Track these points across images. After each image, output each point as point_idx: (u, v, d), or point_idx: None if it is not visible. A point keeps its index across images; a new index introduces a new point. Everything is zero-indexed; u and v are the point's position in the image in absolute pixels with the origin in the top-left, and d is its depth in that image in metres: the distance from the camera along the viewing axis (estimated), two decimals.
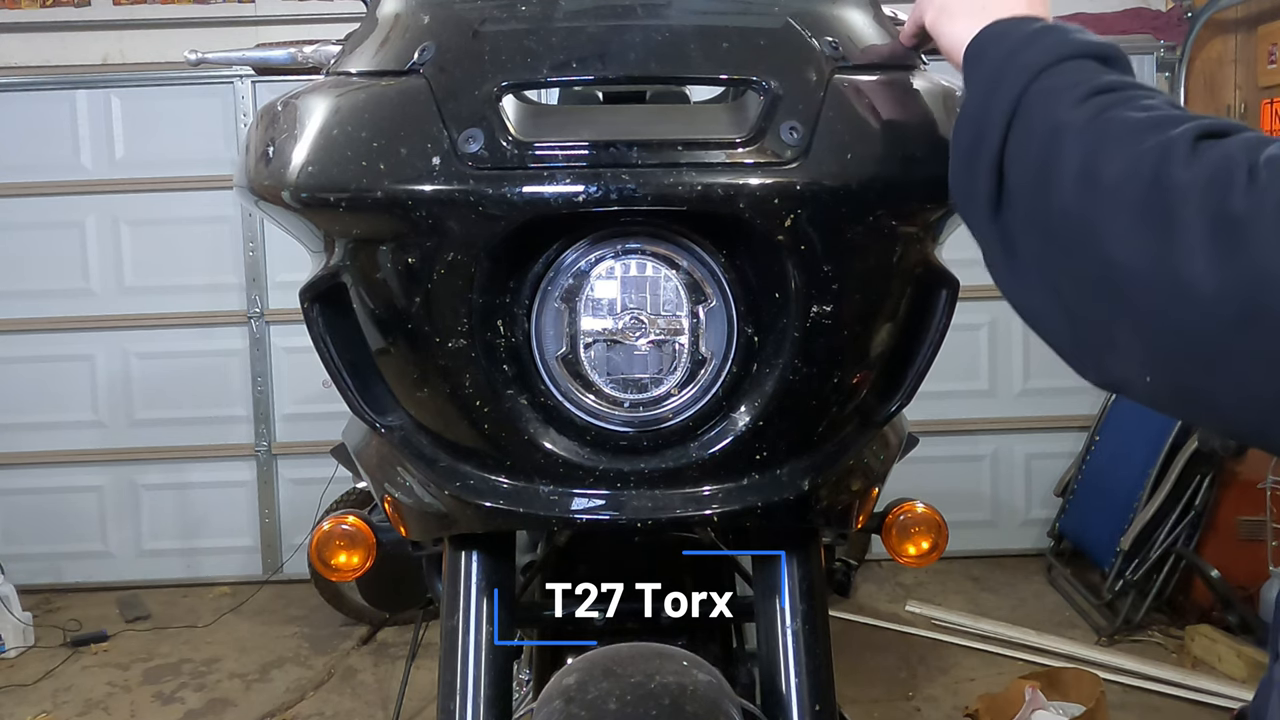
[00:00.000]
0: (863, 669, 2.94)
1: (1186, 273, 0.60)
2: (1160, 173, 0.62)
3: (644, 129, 0.84)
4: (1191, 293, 0.60)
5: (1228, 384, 0.61)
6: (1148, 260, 0.63)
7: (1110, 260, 0.65)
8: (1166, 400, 0.67)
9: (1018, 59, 0.74)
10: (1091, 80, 0.70)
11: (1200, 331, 0.61)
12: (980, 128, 0.74)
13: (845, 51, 0.87)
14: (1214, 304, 0.59)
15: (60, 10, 3.60)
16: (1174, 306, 0.62)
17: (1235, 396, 0.62)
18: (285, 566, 3.66)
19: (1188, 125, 0.64)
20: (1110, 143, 0.66)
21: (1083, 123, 0.68)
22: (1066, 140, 0.69)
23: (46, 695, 2.95)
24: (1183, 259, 0.60)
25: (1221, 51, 3.59)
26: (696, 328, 0.87)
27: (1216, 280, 0.59)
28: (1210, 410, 0.65)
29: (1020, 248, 0.72)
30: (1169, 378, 0.65)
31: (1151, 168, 0.63)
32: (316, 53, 1.09)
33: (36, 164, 3.57)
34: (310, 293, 0.91)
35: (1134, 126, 0.66)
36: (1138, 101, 0.68)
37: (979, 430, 3.74)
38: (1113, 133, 0.67)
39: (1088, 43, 0.74)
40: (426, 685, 2.63)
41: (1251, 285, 0.58)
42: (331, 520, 1.10)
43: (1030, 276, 0.72)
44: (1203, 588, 3.09)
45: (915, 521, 1.15)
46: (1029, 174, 0.71)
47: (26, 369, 3.63)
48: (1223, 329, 0.60)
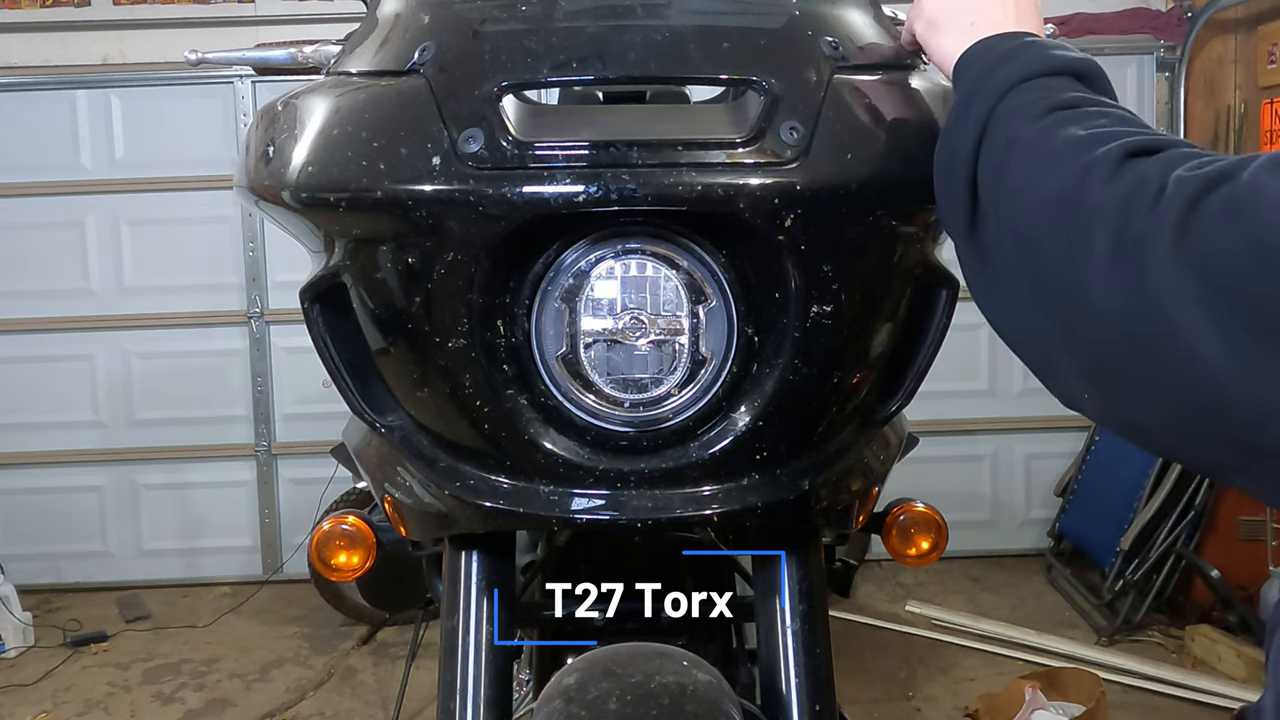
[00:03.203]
0: (863, 669, 2.94)
1: (1094, 294, 0.61)
2: (1079, 193, 0.63)
3: (644, 129, 0.84)
4: (1099, 314, 0.61)
5: (1141, 405, 0.61)
6: (1066, 280, 0.63)
7: (1040, 279, 0.66)
8: (1106, 419, 0.67)
9: (992, 76, 0.74)
10: (1053, 97, 0.70)
11: (1109, 353, 0.61)
12: (954, 144, 0.75)
13: (845, 51, 0.87)
14: (1116, 325, 0.59)
15: (60, 10, 3.60)
16: (1087, 327, 0.62)
17: (1152, 418, 0.61)
18: (285, 566, 3.66)
19: (1120, 143, 0.63)
20: (1046, 161, 0.67)
21: (1030, 140, 0.69)
22: (1015, 157, 0.69)
23: (46, 695, 2.95)
24: (1092, 280, 0.61)
25: (1221, 51, 3.59)
26: (696, 328, 0.87)
27: (1118, 302, 0.59)
28: (1138, 432, 0.64)
29: (991, 263, 0.73)
30: (1101, 397, 0.65)
31: (1074, 188, 0.63)
32: (316, 53, 1.09)
33: (36, 164, 3.57)
34: (310, 293, 0.91)
35: (1071, 145, 0.66)
36: (1088, 119, 0.68)
37: (979, 430, 3.74)
38: (1051, 151, 0.67)
39: (1063, 58, 0.74)
40: (426, 685, 2.63)
41: (1146, 307, 0.57)
42: (331, 520, 1.10)
43: (1000, 292, 0.73)
44: (1203, 588, 3.09)
45: (915, 521, 1.15)
46: (989, 191, 0.71)
47: (26, 369, 3.63)
48: (1127, 351, 0.60)
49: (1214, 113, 3.61)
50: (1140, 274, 0.57)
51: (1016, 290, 0.70)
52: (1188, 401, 0.57)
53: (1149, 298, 0.57)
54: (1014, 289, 0.70)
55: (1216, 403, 0.55)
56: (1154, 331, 0.57)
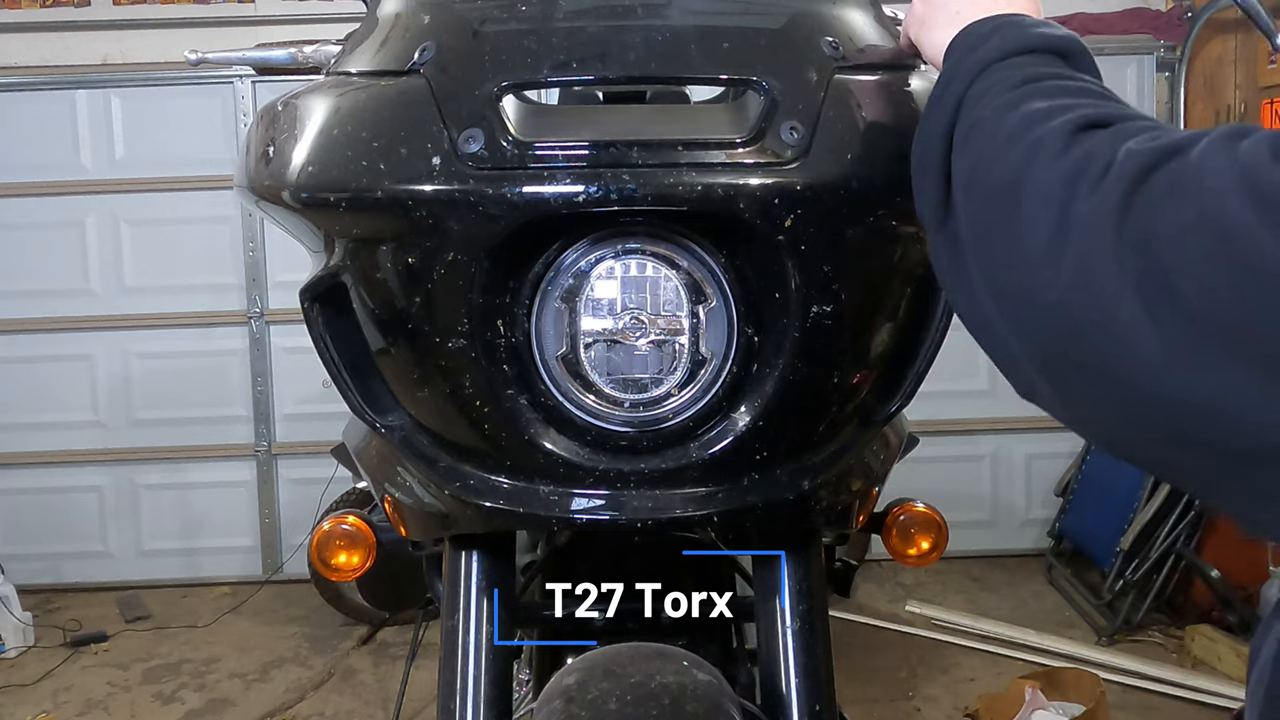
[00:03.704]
0: (863, 669, 2.94)
1: (1037, 278, 0.56)
2: (1027, 171, 0.59)
3: (644, 129, 0.84)
4: (1042, 299, 0.56)
5: (1092, 401, 0.56)
6: (1010, 263, 0.59)
7: (988, 263, 0.62)
8: (1064, 416, 0.62)
9: (967, 60, 0.71)
10: (1020, 74, 0.66)
11: (1055, 343, 0.57)
12: (926, 133, 0.72)
13: (845, 51, 0.87)
14: (1059, 310, 0.55)
15: (60, 10, 3.60)
16: (1033, 314, 0.58)
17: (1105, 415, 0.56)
18: (285, 566, 3.66)
19: (1072, 115, 0.59)
20: (1001, 140, 0.63)
21: (987, 119, 0.65)
22: (973, 140, 0.66)
23: (46, 695, 2.95)
24: (1034, 263, 0.57)
25: (1221, 51, 3.59)
26: (696, 328, 0.87)
27: (1060, 285, 0.55)
28: (1097, 431, 0.60)
29: (956, 255, 0.68)
30: (1055, 392, 0.60)
31: (1022, 166, 0.59)
32: (316, 53, 1.09)
33: (36, 164, 3.57)
34: (310, 293, 0.91)
35: (1025, 121, 0.62)
36: (1051, 94, 0.63)
37: (979, 430, 3.74)
38: (1005, 129, 0.63)
39: (1043, 35, 0.70)
40: (426, 685, 2.63)
41: (1089, 292, 0.53)
42: (331, 520, 1.10)
43: (962, 284, 0.68)
44: (1203, 588, 3.09)
45: (915, 521, 1.15)
46: (957, 179, 0.68)
47: (26, 369, 3.63)
48: (1071, 340, 0.55)
49: (1214, 113, 3.61)
50: (1083, 256, 0.53)
51: (972, 279, 0.65)
52: (1130, 396, 0.53)
53: (1092, 282, 0.53)
54: (970, 277, 0.66)
55: (1154, 396, 0.51)
56: (1095, 319, 0.53)
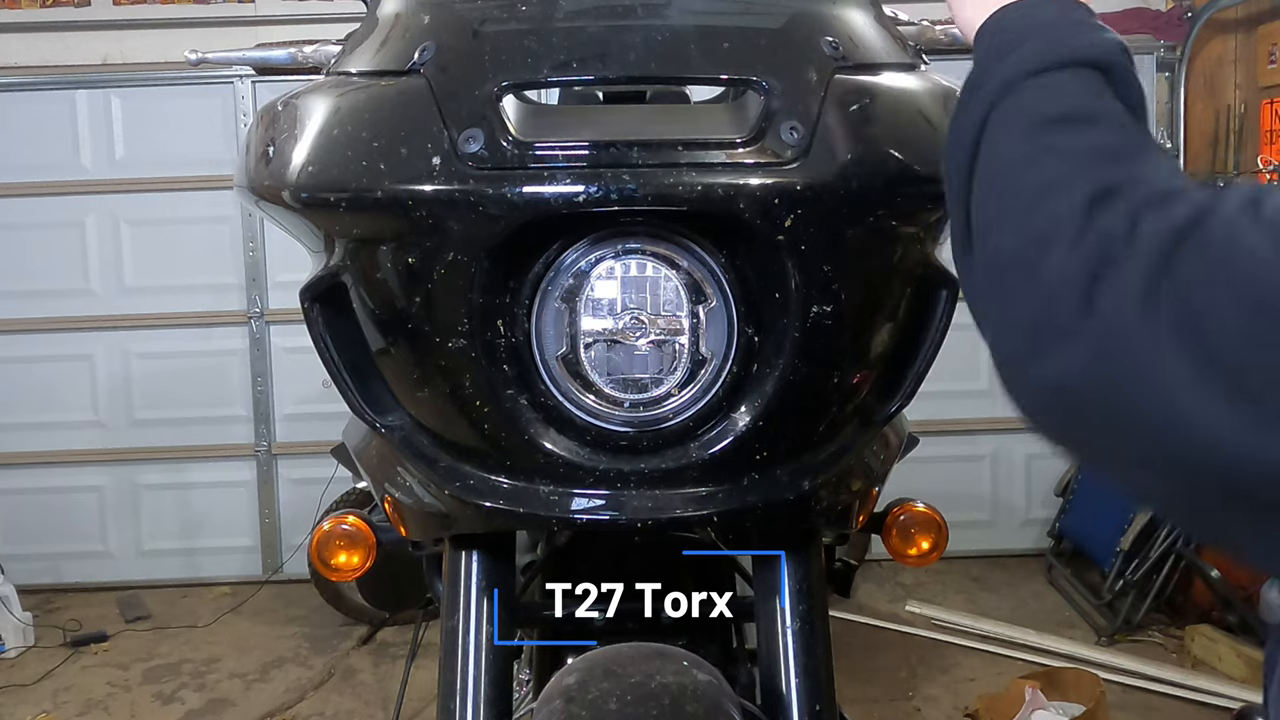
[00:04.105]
0: (863, 669, 2.93)
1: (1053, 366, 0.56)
2: (1043, 256, 0.57)
3: (644, 129, 0.84)
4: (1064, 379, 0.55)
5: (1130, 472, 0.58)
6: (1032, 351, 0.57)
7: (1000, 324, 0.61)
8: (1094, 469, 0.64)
9: (1003, 61, 0.65)
10: (1047, 108, 0.62)
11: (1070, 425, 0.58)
12: (956, 137, 0.67)
13: (845, 51, 0.87)
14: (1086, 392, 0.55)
15: (60, 10, 3.60)
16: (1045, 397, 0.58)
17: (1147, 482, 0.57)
18: (285, 566, 3.66)
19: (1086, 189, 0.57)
20: (1014, 206, 0.60)
21: (1006, 166, 0.62)
22: (991, 185, 0.63)
23: (46, 695, 2.95)
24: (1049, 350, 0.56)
25: (1221, 51, 3.59)
26: (696, 328, 0.87)
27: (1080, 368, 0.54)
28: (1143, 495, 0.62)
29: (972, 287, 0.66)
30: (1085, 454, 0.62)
31: (1037, 250, 0.57)
32: (316, 53, 1.09)
33: (36, 164, 3.57)
34: (310, 293, 0.91)
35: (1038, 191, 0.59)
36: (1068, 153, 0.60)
37: (979, 430, 3.74)
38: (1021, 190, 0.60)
39: (1085, 46, 0.64)
40: (426, 685, 2.63)
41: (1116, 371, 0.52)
42: (331, 520, 1.10)
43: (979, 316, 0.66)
44: (1203, 588, 3.08)
45: (915, 521, 1.15)
46: (977, 217, 0.64)
47: (26, 369, 3.63)
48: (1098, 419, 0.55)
49: (1214, 113, 3.61)
50: (1109, 339, 0.53)
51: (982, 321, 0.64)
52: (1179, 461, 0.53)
53: (1121, 364, 0.52)
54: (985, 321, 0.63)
55: (1220, 469, 0.51)
56: (1132, 398, 0.52)
